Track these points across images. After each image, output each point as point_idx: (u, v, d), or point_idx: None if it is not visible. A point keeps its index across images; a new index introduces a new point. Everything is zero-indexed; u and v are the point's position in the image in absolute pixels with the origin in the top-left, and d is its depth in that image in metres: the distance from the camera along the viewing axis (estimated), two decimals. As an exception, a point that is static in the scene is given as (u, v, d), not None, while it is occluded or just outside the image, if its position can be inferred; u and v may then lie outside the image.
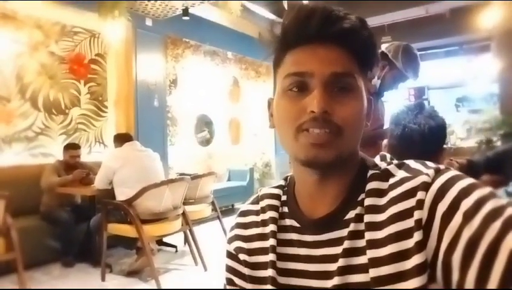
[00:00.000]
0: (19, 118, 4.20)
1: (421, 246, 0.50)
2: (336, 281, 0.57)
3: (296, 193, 0.68)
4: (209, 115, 6.73)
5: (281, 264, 0.64)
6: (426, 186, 0.52)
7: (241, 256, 0.70)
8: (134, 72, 5.10)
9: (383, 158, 0.65)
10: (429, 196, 0.52)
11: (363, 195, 0.59)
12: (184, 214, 3.46)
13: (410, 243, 0.51)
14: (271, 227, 0.67)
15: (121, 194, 3.16)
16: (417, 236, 0.51)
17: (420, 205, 0.52)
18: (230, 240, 0.74)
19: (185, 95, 5.96)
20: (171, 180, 3.30)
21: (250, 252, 0.69)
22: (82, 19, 4.68)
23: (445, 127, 1.24)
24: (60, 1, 4.29)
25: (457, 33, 6.47)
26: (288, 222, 0.66)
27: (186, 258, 3.75)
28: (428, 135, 1.19)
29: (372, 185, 0.59)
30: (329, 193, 0.62)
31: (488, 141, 5.51)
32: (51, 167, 3.85)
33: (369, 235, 0.55)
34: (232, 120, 7.16)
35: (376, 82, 2.11)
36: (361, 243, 0.56)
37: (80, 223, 3.71)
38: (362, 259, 0.55)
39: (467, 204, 0.48)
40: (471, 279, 0.45)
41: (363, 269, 0.55)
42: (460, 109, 7.88)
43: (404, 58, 2.03)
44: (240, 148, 7.22)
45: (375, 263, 0.53)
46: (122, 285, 3.15)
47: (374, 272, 0.53)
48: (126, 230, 3.12)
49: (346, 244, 0.57)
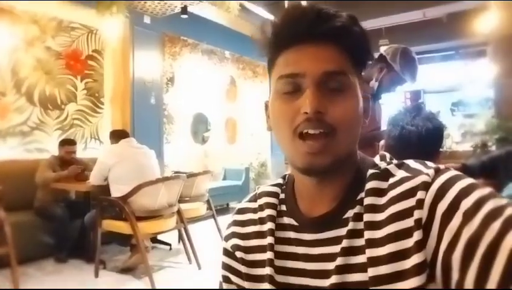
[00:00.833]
0: (14, 113, 4.17)
1: (420, 245, 0.50)
2: (334, 279, 0.57)
3: (295, 191, 0.68)
4: (206, 114, 6.72)
5: (279, 263, 0.64)
6: (426, 186, 0.52)
7: (238, 254, 0.70)
8: (131, 69, 5.09)
9: (382, 158, 0.65)
10: (429, 195, 0.52)
11: (362, 194, 0.59)
12: (179, 212, 3.45)
13: (409, 243, 0.51)
14: (269, 225, 0.67)
15: (116, 191, 3.15)
16: (417, 236, 0.51)
17: (420, 204, 0.52)
18: (227, 238, 0.73)
19: (181, 94, 5.95)
20: (167, 178, 3.29)
21: (247, 250, 0.69)
22: (79, 15, 4.66)
23: (443, 130, 1.25)
24: (58, -4, 4.27)
25: (454, 38, 6.51)
26: (287, 220, 0.66)
27: (180, 256, 3.74)
28: (425, 136, 1.20)
29: (371, 185, 0.59)
30: (328, 193, 0.62)
31: (483, 145, 5.55)
32: (46, 162, 3.82)
33: (368, 235, 0.55)
34: (229, 119, 7.15)
35: (374, 84, 2.12)
36: (360, 242, 0.56)
37: (75, 219, 3.69)
38: (361, 258, 0.55)
39: (466, 204, 0.48)
40: (470, 279, 0.45)
41: (362, 268, 0.55)
42: (455, 113, 7.93)
43: (402, 61, 2.04)
44: (236, 147, 7.22)
45: (374, 262, 0.53)
46: (116, 282, 3.14)
47: (372, 271, 0.53)
48: (121, 227, 3.11)
49: (345, 243, 0.57)
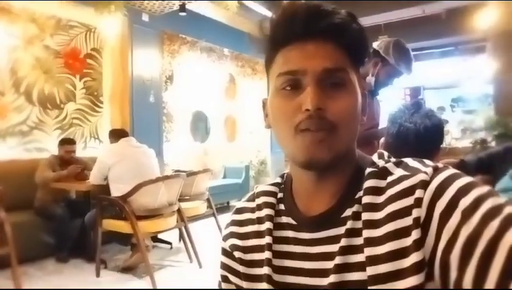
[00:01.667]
0: (13, 112, 4.17)
1: (419, 244, 0.50)
2: (333, 279, 0.57)
3: (293, 190, 0.68)
4: (205, 112, 6.71)
5: (277, 262, 0.64)
6: (424, 185, 0.52)
7: (236, 254, 0.70)
8: (130, 67, 5.08)
9: (380, 156, 0.65)
10: (427, 194, 0.52)
11: (360, 193, 0.59)
12: (179, 211, 3.46)
13: (408, 241, 0.51)
14: (267, 225, 0.67)
15: (116, 190, 3.15)
16: (415, 234, 0.51)
17: (418, 203, 0.52)
18: (226, 238, 0.73)
19: (181, 92, 5.94)
20: (167, 177, 3.29)
21: (246, 249, 0.69)
22: (78, 13, 4.65)
23: (442, 127, 1.25)
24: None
25: (453, 34, 6.50)
26: (285, 220, 0.66)
27: (181, 255, 3.75)
28: (423, 134, 1.20)
29: (369, 183, 0.58)
30: (327, 191, 0.62)
31: (483, 141, 5.55)
32: (46, 162, 3.82)
33: (367, 233, 0.55)
34: (228, 117, 7.15)
35: (370, 80, 2.12)
36: (359, 241, 0.56)
37: (75, 218, 3.69)
38: (359, 257, 0.55)
39: (465, 202, 0.48)
40: (469, 277, 0.45)
41: (360, 267, 0.55)
42: (455, 109, 7.92)
43: (396, 53, 2.04)
44: (236, 145, 7.22)
45: (373, 261, 0.53)
46: (117, 281, 3.14)
47: (371, 270, 0.53)
48: (121, 226, 3.11)
49: (343, 242, 0.57)
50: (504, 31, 5.58)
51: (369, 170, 0.60)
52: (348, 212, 0.59)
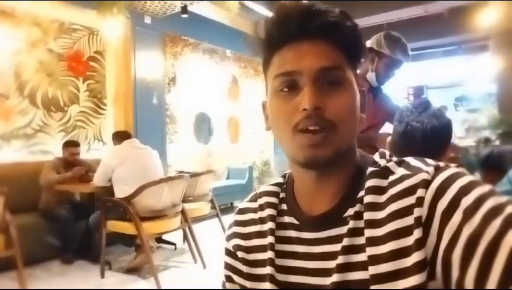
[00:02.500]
0: (18, 115, 4.19)
1: (420, 243, 0.50)
2: (335, 278, 0.57)
3: (295, 190, 0.68)
4: (208, 113, 6.72)
5: (280, 262, 0.64)
6: (426, 184, 0.52)
7: (239, 254, 0.70)
8: (133, 69, 5.10)
9: (382, 155, 0.65)
10: (429, 193, 0.52)
11: (362, 192, 0.59)
12: (183, 212, 3.46)
13: (409, 241, 0.51)
14: (269, 225, 0.67)
15: (120, 192, 3.16)
16: (417, 233, 0.51)
17: (420, 202, 0.52)
18: (229, 238, 0.74)
19: (183, 93, 5.96)
20: (170, 178, 3.30)
21: (249, 249, 0.69)
22: (81, 16, 4.67)
23: (450, 127, 1.24)
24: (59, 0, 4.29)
25: (456, 32, 6.47)
26: (287, 219, 0.66)
27: (185, 255, 3.75)
28: (430, 134, 1.18)
29: (371, 182, 0.58)
30: (328, 191, 0.62)
31: (487, 140, 5.52)
32: (50, 164, 3.84)
33: (369, 233, 0.55)
34: (231, 118, 7.15)
35: (371, 76, 2.11)
36: (361, 240, 0.56)
37: (79, 220, 3.71)
38: (361, 256, 0.55)
39: (466, 202, 0.48)
40: (471, 277, 0.45)
41: (363, 266, 0.55)
42: (459, 108, 7.89)
43: (388, 43, 2.05)
44: (239, 146, 7.22)
45: (375, 260, 0.53)
46: (122, 282, 3.15)
47: (373, 270, 0.53)
48: (125, 227, 3.12)
49: (345, 241, 0.57)
50: (507, 29, 5.55)
51: (370, 169, 0.60)
52: (350, 211, 0.59)
